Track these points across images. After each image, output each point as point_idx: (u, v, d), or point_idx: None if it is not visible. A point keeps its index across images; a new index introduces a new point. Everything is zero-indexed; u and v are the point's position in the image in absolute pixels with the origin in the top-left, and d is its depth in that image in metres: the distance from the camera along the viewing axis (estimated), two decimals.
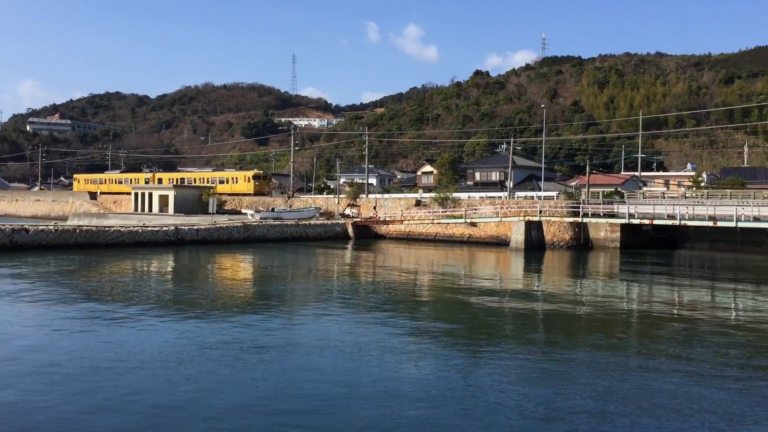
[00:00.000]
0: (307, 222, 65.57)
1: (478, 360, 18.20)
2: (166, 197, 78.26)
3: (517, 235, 54.27)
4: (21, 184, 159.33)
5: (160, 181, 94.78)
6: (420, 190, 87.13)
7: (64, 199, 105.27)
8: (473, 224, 60.93)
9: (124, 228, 53.60)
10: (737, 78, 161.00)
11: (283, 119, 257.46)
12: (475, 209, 62.50)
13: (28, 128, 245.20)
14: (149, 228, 54.22)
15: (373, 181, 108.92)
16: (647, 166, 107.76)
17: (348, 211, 72.66)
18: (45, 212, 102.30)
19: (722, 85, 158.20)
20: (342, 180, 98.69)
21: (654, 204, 55.99)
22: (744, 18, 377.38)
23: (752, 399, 14.83)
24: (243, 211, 76.40)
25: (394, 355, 18.29)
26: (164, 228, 54.72)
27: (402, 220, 65.68)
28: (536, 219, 55.34)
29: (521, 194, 74.38)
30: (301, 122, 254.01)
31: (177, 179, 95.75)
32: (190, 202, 76.93)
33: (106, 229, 52.43)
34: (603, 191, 71.72)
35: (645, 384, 15.89)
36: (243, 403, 14.08)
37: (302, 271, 40.64)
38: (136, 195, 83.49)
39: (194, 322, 22.74)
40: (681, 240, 62.24)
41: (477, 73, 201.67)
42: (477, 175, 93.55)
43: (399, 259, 48.25)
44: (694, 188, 74.70)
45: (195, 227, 56.15)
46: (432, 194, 71.49)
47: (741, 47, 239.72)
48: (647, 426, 13.06)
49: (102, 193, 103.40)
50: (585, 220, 54.77)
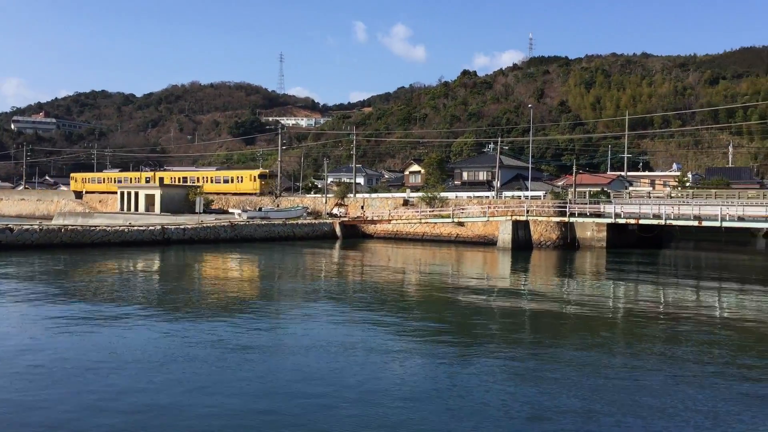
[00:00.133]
0: (295, 221, 65.46)
1: (465, 360, 18.23)
2: (153, 196, 77.84)
3: (505, 235, 54.44)
4: (5, 183, 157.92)
5: (162, 180, 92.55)
6: (407, 190, 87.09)
7: (49, 198, 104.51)
8: (461, 224, 61.06)
9: (110, 227, 53.29)
10: (722, 79, 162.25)
11: (271, 118, 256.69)
12: (463, 209, 62.62)
13: (13, 127, 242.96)
14: (135, 227, 53.93)
15: (361, 181, 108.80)
16: (633, 166, 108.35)
17: (335, 211, 72.59)
18: (30, 211, 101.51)
19: (707, 86, 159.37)
20: (329, 179, 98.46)
21: (640, 204, 56.33)
22: (729, 19, 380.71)
23: (736, 397, 14.96)
24: (230, 211, 76.14)
25: (380, 355, 18.29)
26: (150, 227, 54.44)
27: (389, 220, 65.71)
28: (523, 219, 55.54)
29: (508, 194, 74.60)
30: (289, 121, 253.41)
31: (179, 178, 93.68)
32: (177, 202, 76.57)
33: (92, 229, 52.11)
34: (589, 191, 72.06)
35: (631, 383, 15.99)
36: (226, 404, 14.02)
37: (289, 271, 40.56)
38: (122, 194, 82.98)
39: (179, 323, 22.65)
40: (666, 239, 62.68)
41: (464, 73, 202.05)
42: (464, 175, 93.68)
43: (386, 259, 48.27)
44: (680, 188, 75.25)
45: (181, 227, 55.91)
46: (419, 194, 71.54)
47: (726, 48, 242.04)
48: (633, 425, 13.15)
49: (88, 192, 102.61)
50: (572, 220, 55.03)
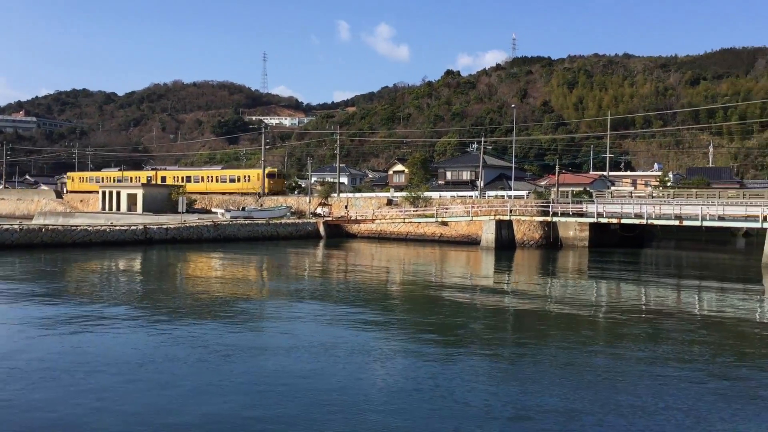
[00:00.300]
0: (278, 221, 65.26)
1: (447, 359, 18.22)
2: (135, 196, 77.25)
3: (488, 234, 54.62)
4: None
5: (164, 180, 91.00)
6: (391, 190, 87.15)
7: (30, 198, 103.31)
8: (444, 223, 61.18)
9: (92, 227, 52.82)
10: (702, 79, 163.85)
11: (254, 117, 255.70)
12: (447, 208, 62.74)
13: None
14: (117, 227, 53.50)
15: (345, 180, 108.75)
16: (615, 166, 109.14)
17: (319, 210, 72.46)
18: (9, 211, 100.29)
19: (688, 87, 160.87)
20: (313, 179, 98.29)
21: (622, 203, 56.75)
22: (709, 21, 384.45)
23: (717, 396, 15.07)
24: (213, 210, 75.76)
25: (362, 356, 18.24)
26: (132, 227, 54.03)
27: (373, 219, 65.69)
28: (507, 218, 55.74)
29: (492, 193, 74.88)
30: (272, 121, 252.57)
31: (182, 177, 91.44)
32: (159, 201, 76.03)
33: (73, 229, 51.62)
34: (572, 191, 72.52)
35: (613, 382, 16.06)
36: (204, 407, 13.89)
37: (272, 271, 40.43)
38: (104, 194, 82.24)
39: (158, 323, 22.46)
40: (648, 239, 63.21)
41: (448, 73, 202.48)
42: (448, 175, 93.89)
43: (370, 258, 48.24)
44: (661, 188, 75.91)
45: (164, 226, 55.54)
46: (403, 193, 71.62)
47: (706, 49, 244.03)
48: (614, 424, 13.21)
49: (69, 192, 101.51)
50: (554, 220, 55.31)
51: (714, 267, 46.60)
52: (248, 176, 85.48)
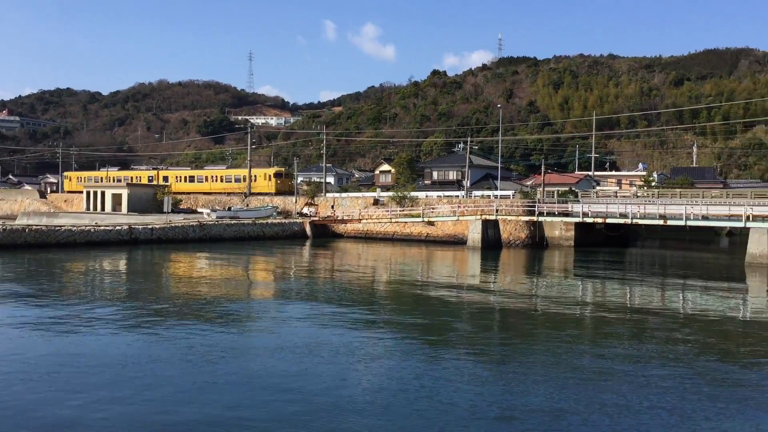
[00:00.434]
0: (264, 221, 65.08)
1: (433, 360, 18.21)
2: (120, 196, 76.77)
3: (474, 234, 54.77)
4: None
5: (166, 179, 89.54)
6: (378, 189, 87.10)
7: (13, 198, 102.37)
8: (431, 223, 61.26)
9: (76, 227, 52.42)
10: (686, 80, 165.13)
11: (240, 117, 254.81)
12: (433, 208, 62.84)
13: None
14: (102, 227, 53.12)
15: (331, 180, 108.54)
16: (600, 166, 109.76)
17: (306, 210, 72.35)
18: None
19: (672, 87, 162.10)
20: (300, 179, 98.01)
21: (607, 203, 57.08)
22: (693, 22, 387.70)
23: (701, 394, 15.17)
24: (199, 210, 75.43)
25: (347, 356, 18.16)
26: (117, 227, 53.67)
27: (360, 219, 65.66)
28: (493, 218, 55.92)
29: (478, 193, 75.08)
30: (258, 120, 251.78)
31: (185, 176, 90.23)
32: (145, 201, 75.61)
33: (57, 229, 51.20)
34: (558, 190, 72.89)
35: (598, 381, 16.12)
36: (186, 408, 13.80)
37: (257, 271, 40.31)
38: (88, 194, 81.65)
39: (142, 325, 22.30)
40: (633, 238, 63.63)
41: (434, 73, 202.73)
42: (434, 174, 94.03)
43: (356, 258, 48.21)
44: (646, 188, 76.42)
45: (149, 226, 55.22)
46: (390, 193, 71.64)
47: (690, 50, 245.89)
48: (600, 423, 13.26)
49: (53, 192, 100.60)
50: (540, 219, 55.55)
51: (698, 266, 46.97)
52: (254, 176, 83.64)
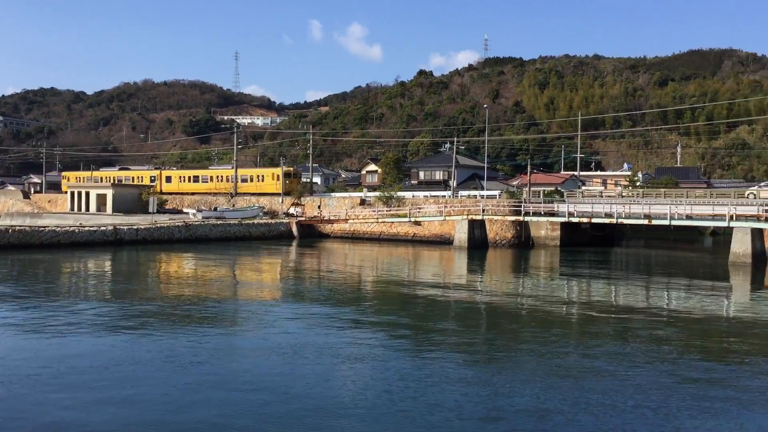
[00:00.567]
0: (251, 221, 64.87)
1: (418, 360, 18.20)
2: (104, 196, 76.26)
3: (461, 234, 54.88)
4: None
5: (169, 179, 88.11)
6: (364, 189, 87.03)
7: None
8: (417, 223, 61.30)
9: (60, 228, 51.98)
10: (671, 80, 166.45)
11: (226, 117, 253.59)
12: (420, 208, 62.88)
13: None
14: (86, 228, 52.71)
15: (318, 180, 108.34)
16: (586, 166, 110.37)
17: (292, 210, 72.16)
18: None
19: (656, 88, 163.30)
20: None
21: (592, 203, 57.35)
22: (677, 22, 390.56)
23: (685, 393, 15.26)
24: (185, 211, 75.05)
25: (331, 357, 18.09)
26: (102, 228, 53.29)
27: (346, 219, 65.60)
28: (479, 218, 56.04)
29: (464, 193, 75.23)
30: (244, 120, 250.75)
31: (190, 177, 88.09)
32: (129, 201, 75.14)
33: (41, 229, 50.74)
34: (544, 190, 73.15)
35: (583, 381, 16.17)
36: (168, 412, 13.70)
37: (243, 272, 40.15)
38: (73, 194, 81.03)
39: (126, 327, 22.11)
40: (618, 238, 63.98)
41: (421, 73, 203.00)
42: (421, 175, 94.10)
43: (343, 258, 48.16)
44: (630, 187, 76.89)
45: (134, 227, 54.86)
46: (376, 193, 71.60)
47: (674, 51, 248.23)
48: (585, 422, 13.31)
49: (37, 192, 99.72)
50: (526, 219, 55.73)
51: (682, 265, 47.32)
52: (262, 176, 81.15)
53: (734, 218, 46.36)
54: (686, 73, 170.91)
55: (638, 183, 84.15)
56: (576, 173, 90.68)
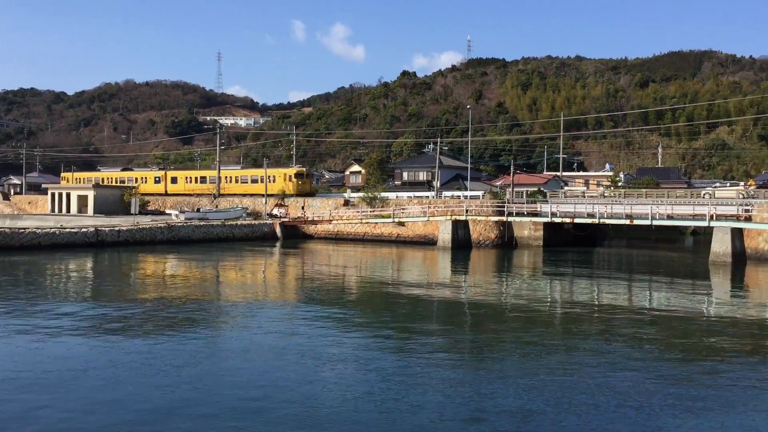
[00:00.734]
0: (234, 222, 64.58)
1: (401, 361, 18.15)
2: (86, 197, 75.55)
3: (444, 234, 54.98)
4: None
5: (174, 180, 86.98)
6: (348, 190, 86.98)
7: None
8: (401, 224, 61.33)
9: (40, 229, 51.42)
10: (652, 82, 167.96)
11: (209, 118, 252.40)
12: (403, 209, 62.93)
13: None
14: (67, 229, 52.18)
15: None
16: (568, 166, 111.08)
17: (276, 211, 71.87)
18: None
19: (638, 89, 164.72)
20: None
21: (575, 203, 57.73)
22: (658, 24, 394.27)
23: (667, 392, 15.36)
24: (167, 212, 74.54)
25: (313, 359, 17.99)
26: (83, 229, 52.78)
27: (330, 220, 65.50)
28: (463, 218, 56.18)
29: (448, 194, 75.36)
30: (227, 121, 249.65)
31: (196, 177, 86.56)
32: (111, 203, 74.49)
33: (21, 231, 50.15)
34: (527, 191, 73.50)
35: (567, 380, 16.23)
36: (148, 414, 13.57)
37: (226, 273, 39.93)
38: (53, 195, 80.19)
39: (107, 330, 21.89)
40: (600, 238, 64.43)
41: (404, 74, 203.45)
42: (405, 175, 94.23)
43: (327, 259, 48.06)
44: (612, 188, 77.47)
45: (116, 228, 54.39)
46: (360, 194, 71.57)
47: (655, 52, 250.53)
48: (568, 422, 13.34)
49: (16, 194, 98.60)
50: (510, 219, 55.94)
51: (663, 265, 47.71)
52: (273, 176, 78.46)
53: (714, 218, 46.84)
54: (667, 75, 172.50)
55: (620, 183, 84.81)
56: (559, 174, 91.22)
